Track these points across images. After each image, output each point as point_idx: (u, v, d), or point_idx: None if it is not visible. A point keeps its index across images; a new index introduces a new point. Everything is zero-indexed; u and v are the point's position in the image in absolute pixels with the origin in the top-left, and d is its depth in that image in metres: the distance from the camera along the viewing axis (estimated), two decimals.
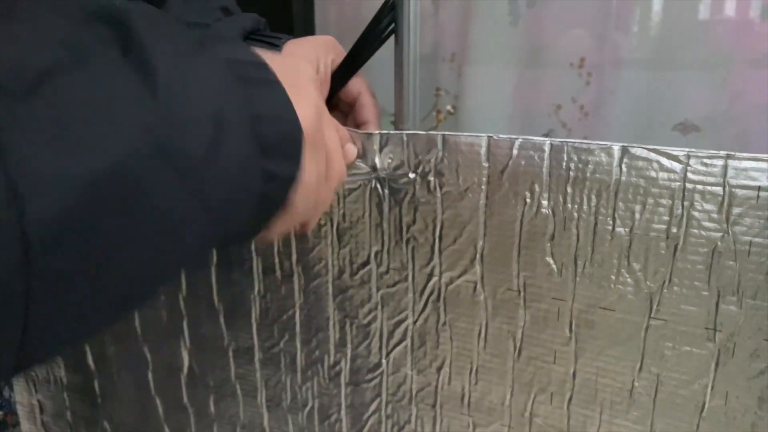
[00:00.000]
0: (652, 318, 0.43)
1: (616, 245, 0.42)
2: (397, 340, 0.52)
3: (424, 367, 0.52)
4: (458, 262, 0.47)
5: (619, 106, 0.85)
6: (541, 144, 0.43)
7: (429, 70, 0.95)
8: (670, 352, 0.43)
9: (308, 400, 0.58)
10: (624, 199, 0.41)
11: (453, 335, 0.49)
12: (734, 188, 0.39)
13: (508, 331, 0.47)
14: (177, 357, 0.62)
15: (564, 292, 0.45)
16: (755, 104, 0.77)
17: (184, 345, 0.61)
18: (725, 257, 0.40)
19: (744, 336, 0.41)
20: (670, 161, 0.40)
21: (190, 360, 0.62)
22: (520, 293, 0.46)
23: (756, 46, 0.76)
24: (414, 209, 0.48)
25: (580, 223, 0.43)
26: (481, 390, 0.50)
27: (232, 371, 0.60)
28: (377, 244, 0.50)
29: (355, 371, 0.55)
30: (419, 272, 0.49)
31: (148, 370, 0.64)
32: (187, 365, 0.62)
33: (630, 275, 0.42)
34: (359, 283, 0.52)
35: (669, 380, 0.44)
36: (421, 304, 0.50)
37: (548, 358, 0.47)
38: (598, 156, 0.41)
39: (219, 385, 0.62)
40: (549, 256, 0.44)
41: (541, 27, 0.86)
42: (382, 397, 0.55)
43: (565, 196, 0.43)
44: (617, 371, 0.45)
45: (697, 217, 0.40)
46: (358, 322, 0.53)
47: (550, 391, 0.48)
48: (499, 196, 0.45)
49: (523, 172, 0.44)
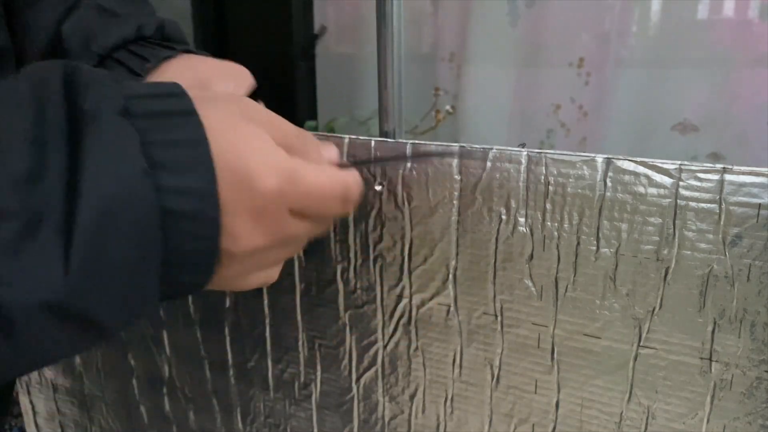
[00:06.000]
0: (641, 346, 0.39)
1: (600, 267, 0.38)
2: (367, 365, 0.48)
3: (396, 394, 0.48)
4: (430, 283, 0.43)
5: (618, 106, 0.83)
6: (517, 155, 0.38)
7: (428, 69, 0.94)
8: (662, 383, 0.39)
9: (280, 421, 0.55)
10: (609, 217, 0.37)
11: (426, 361, 0.45)
12: (731, 206, 0.34)
13: (485, 358, 0.43)
14: (158, 367, 0.59)
15: (545, 317, 0.41)
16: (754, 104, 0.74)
17: (164, 355, 0.57)
18: (722, 282, 0.36)
19: (743, 367, 0.37)
20: (660, 175, 0.35)
21: (170, 370, 0.58)
22: (497, 318, 0.42)
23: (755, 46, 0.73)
24: (381, 225, 0.43)
25: (561, 243, 0.39)
26: (457, 420, 0.46)
27: (208, 384, 0.57)
28: (343, 262, 0.46)
29: (326, 394, 0.51)
30: (388, 293, 0.45)
31: (132, 377, 0.61)
32: (167, 375, 0.59)
33: (616, 300, 0.38)
34: (326, 302, 0.48)
35: (661, 413, 0.40)
36: (391, 327, 0.46)
37: (529, 387, 0.43)
38: (580, 169, 0.37)
39: (196, 397, 0.58)
40: (528, 278, 0.40)
41: (540, 27, 0.85)
42: (354, 424, 0.51)
43: (544, 213, 0.38)
44: (604, 402, 0.41)
45: (690, 238, 0.36)
46: (326, 343, 0.49)
47: (532, 422, 0.44)
48: (472, 212, 0.40)
49: (498, 186, 0.39)
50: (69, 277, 0.23)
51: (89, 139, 0.24)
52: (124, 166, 0.24)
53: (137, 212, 0.25)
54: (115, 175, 0.24)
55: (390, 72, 0.45)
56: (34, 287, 0.23)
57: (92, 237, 0.23)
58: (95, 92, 0.25)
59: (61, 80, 0.25)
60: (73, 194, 0.23)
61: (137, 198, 0.25)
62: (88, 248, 0.23)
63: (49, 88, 0.25)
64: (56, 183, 0.23)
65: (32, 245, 0.23)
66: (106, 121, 0.25)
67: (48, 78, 0.25)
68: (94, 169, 0.24)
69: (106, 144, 0.24)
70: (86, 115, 0.24)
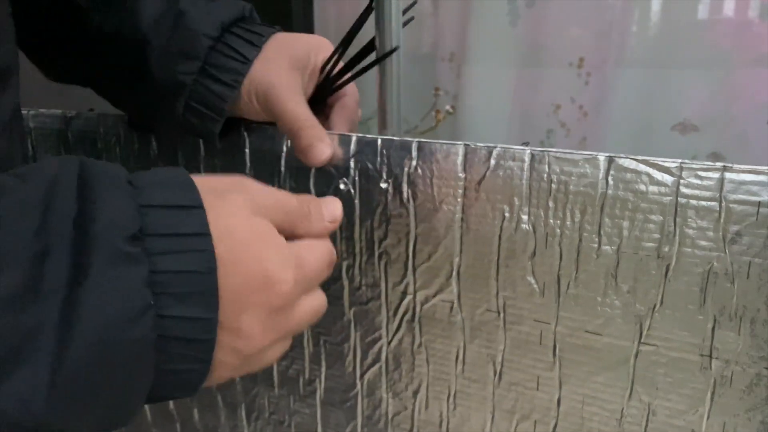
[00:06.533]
0: (642, 343, 0.39)
1: (602, 264, 0.39)
2: (371, 361, 0.49)
3: (399, 390, 0.48)
4: (434, 280, 0.44)
5: (618, 106, 0.83)
6: (521, 153, 0.39)
7: (428, 69, 0.94)
8: (662, 380, 0.39)
9: (285, 417, 0.55)
10: (611, 215, 0.38)
11: (429, 358, 0.46)
12: (731, 203, 0.35)
13: (488, 355, 0.44)
14: None
15: (547, 314, 0.41)
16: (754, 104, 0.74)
17: None
18: (722, 279, 0.36)
19: (743, 364, 0.37)
20: (661, 173, 0.36)
21: None
22: (499, 314, 0.42)
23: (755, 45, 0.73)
24: (386, 222, 0.44)
25: (563, 240, 0.39)
26: (460, 416, 0.46)
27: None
28: (348, 259, 0.47)
29: (330, 390, 0.52)
30: (392, 290, 0.46)
31: None
32: None
33: (618, 297, 0.39)
34: (331, 298, 0.49)
35: (661, 409, 0.40)
36: (395, 323, 0.46)
37: (531, 383, 0.43)
38: (582, 167, 0.38)
39: (201, 394, 0.59)
40: (530, 275, 0.41)
41: (540, 27, 0.85)
42: (358, 420, 0.51)
43: (547, 210, 0.39)
44: (605, 399, 0.41)
45: (690, 235, 0.36)
46: (331, 339, 0.50)
47: (534, 419, 0.44)
48: (476, 210, 0.41)
49: (501, 183, 0.40)
50: (51, 401, 0.23)
51: (95, 268, 0.23)
52: (127, 299, 0.24)
53: (134, 344, 0.24)
54: (116, 308, 0.24)
55: (390, 72, 0.46)
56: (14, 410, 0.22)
57: (83, 365, 0.23)
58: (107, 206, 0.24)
59: (75, 180, 0.25)
60: (69, 320, 0.23)
61: (136, 330, 0.24)
62: (77, 375, 0.23)
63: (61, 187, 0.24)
64: (52, 303, 0.23)
65: (18, 369, 0.22)
66: (115, 251, 0.24)
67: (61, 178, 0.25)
68: (95, 299, 0.23)
69: (112, 276, 0.24)
70: (95, 239, 0.24)
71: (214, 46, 0.43)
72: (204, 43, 0.43)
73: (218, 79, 0.43)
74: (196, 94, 0.44)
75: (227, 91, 0.43)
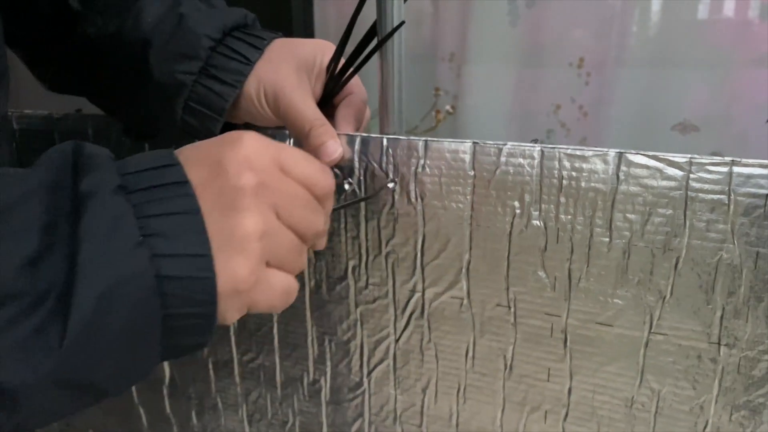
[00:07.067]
0: (653, 333, 0.40)
1: (613, 258, 0.39)
2: (378, 359, 0.49)
3: (408, 386, 0.49)
4: (443, 277, 0.44)
5: (618, 106, 0.83)
6: (530, 151, 0.39)
7: (428, 69, 0.94)
8: (672, 367, 0.41)
9: (288, 417, 0.55)
10: (622, 210, 0.38)
11: (438, 354, 0.46)
12: (739, 197, 0.36)
13: (498, 349, 0.44)
14: (159, 367, 0.59)
15: (558, 308, 0.42)
16: (754, 104, 0.75)
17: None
18: (730, 269, 0.37)
19: (750, 351, 0.38)
20: (671, 168, 0.37)
21: (172, 371, 0.58)
22: (510, 309, 0.43)
23: (755, 45, 0.74)
24: (393, 221, 0.44)
25: (574, 235, 0.40)
26: (470, 410, 0.47)
27: (212, 384, 0.57)
28: (354, 258, 0.47)
29: (335, 390, 0.52)
30: (400, 288, 0.46)
31: None
32: (169, 376, 0.58)
33: (628, 289, 0.40)
34: (337, 298, 0.49)
35: (670, 396, 0.41)
36: (403, 321, 0.46)
37: (542, 375, 0.44)
38: (592, 163, 0.38)
39: (200, 397, 0.58)
40: (541, 270, 0.41)
41: (540, 27, 0.85)
42: (365, 417, 0.51)
43: (558, 206, 0.39)
44: (616, 387, 0.42)
45: (700, 228, 0.37)
46: (337, 339, 0.50)
47: (544, 410, 0.45)
48: (485, 207, 0.41)
49: (511, 180, 0.40)
50: (64, 350, 0.24)
51: (86, 218, 0.25)
52: (118, 240, 0.26)
53: (134, 283, 0.26)
54: (110, 251, 0.25)
55: (390, 72, 0.46)
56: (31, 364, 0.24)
57: (90, 310, 0.25)
58: (93, 173, 0.27)
59: (71, 164, 0.27)
60: (73, 271, 0.24)
61: (133, 269, 0.26)
62: (86, 321, 0.25)
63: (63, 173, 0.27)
64: (60, 263, 0.25)
65: (30, 323, 0.24)
66: (100, 199, 0.26)
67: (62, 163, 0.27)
68: (90, 246, 0.25)
69: (101, 221, 0.26)
70: (84, 197, 0.26)
71: (215, 48, 0.43)
72: (205, 44, 0.42)
73: (219, 79, 0.43)
74: (196, 94, 0.43)
75: (229, 91, 0.43)
